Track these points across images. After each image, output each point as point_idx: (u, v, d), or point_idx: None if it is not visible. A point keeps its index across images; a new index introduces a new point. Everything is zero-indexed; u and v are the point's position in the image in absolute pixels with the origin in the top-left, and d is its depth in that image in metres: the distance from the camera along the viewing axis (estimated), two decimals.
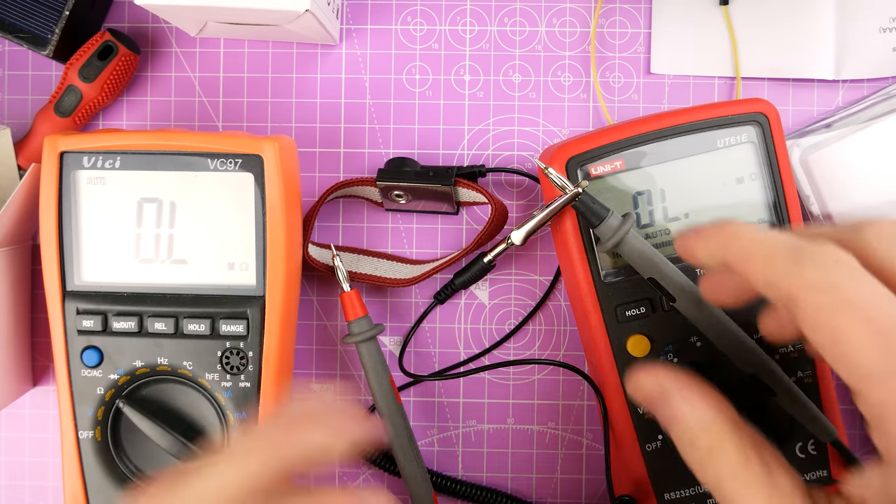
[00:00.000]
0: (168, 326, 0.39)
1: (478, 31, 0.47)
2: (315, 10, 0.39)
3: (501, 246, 0.41)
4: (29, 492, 0.47)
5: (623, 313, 0.38)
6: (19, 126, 0.47)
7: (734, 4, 0.46)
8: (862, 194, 0.42)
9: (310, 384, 0.47)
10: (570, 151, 0.38)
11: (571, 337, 0.47)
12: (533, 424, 0.47)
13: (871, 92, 0.46)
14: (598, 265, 0.38)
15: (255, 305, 0.40)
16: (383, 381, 0.43)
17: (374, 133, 0.47)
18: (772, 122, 0.38)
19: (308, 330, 0.47)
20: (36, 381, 0.48)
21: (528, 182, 0.47)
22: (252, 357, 0.40)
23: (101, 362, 0.40)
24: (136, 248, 0.40)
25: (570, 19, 0.47)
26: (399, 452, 0.43)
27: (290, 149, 0.41)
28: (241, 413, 0.40)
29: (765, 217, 0.38)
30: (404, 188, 0.44)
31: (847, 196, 0.42)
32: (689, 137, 0.38)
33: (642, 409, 0.39)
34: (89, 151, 0.40)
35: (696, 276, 0.37)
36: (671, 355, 0.38)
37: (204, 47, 0.47)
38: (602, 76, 0.47)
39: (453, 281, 0.45)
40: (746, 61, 0.46)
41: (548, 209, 0.38)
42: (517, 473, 0.47)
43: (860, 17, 0.45)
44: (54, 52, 0.44)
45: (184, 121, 0.47)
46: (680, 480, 0.39)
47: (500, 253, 0.42)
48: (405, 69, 0.47)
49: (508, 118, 0.47)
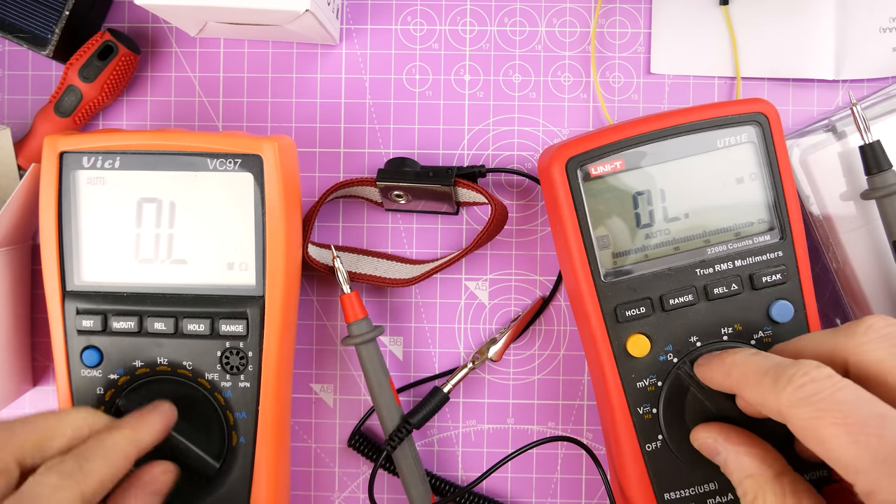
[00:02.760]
0: (168, 326, 0.39)
1: (478, 31, 0.47)
2: (315, 10, 0.39)
3: (462, 372, 0.45)
4: None
5: (623, 313, 0.38)
6: (19, 126, 0.47)
7: (734, 4, 0.46)
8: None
9: (310, 384, 0.47)
10: (570, 151, 0.38)
11: (571, 337, 0.47)
12: (533, 424, 0.47)
13: (871, 92, 0.46)
14: (598, 265, 0.38)
15: (255, 305, 0.40)
16: (383, 382, 0.43)
17: (374, 133, 0.47)
18: (772, 122, 0.38)
19: (308, 330, 0.47)
20: (36, 381, 0.48)
21: (528, 182, 0.47)
22: (252, 357, 0.40)
23: (101, 362, 0.40)
24: (136, 248, 0.40)
25: (570, 19, 0.47)
26: (398, 454, 0.43)
27: (290, 149, 0.41)
28: (241, 413, 0.40)
29: (765, 217, 0.38)
30: (404, 188, 0.44)
31: (847, 196, 0.42)
32: (689, 137, 0.38)
33: (642, 409, 0.39)
34: (89, 151, 0.40)
35: None
36: (671, 355, 0.38)
37: (204, 47, 0.47)
38: (602, 76, 0.47)
39: (407, 421, 0.44)
40: (746, 61, 0.46)
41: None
42: (517, 473, 0.47)
43: (860, 17, 0.45)
44: (54, 52, 0.44)
45: (184, 121, 0.47)
46: (680, 480, 0.39)
47: (459, 380, 0.45)
48: (405, 69, 0.47)
49: (508, 118, 0.47)
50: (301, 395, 0.47)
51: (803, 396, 0.28)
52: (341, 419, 0.47)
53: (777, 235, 0.38)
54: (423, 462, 0.47)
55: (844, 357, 0.30)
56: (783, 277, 0.38)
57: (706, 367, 0.35)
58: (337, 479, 0.47)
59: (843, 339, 0.31)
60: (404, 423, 0.43)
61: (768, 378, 0.30)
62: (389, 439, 0.43)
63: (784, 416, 0.29)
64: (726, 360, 0.33)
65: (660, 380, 0.38)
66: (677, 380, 0.38)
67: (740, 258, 0.38)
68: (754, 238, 0.38)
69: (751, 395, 0.31)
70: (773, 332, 0.38)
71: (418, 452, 0.45)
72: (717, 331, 0.38)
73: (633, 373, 0.38)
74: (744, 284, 0.38)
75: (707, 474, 0.39)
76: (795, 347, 0.33)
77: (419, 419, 0.44)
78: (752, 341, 0.38)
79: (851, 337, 0.30)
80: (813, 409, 0.28)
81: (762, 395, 0.30)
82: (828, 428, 0.27)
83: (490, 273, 0.47)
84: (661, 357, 0.38)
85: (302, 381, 0.47)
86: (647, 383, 0.38)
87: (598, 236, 0.38)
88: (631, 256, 0.39)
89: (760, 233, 0.39)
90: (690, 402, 0.38)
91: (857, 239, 0.42)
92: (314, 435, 0.47)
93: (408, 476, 0.43)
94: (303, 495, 0.47)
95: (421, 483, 0.44)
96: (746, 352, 0.33)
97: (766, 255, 0.38)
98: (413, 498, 0.43)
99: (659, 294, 0.38)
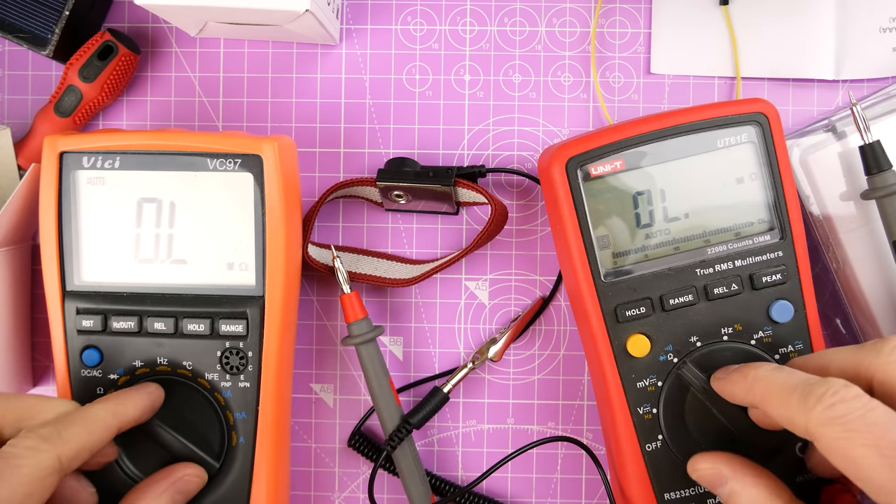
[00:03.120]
0: (168, 326, 0.39)
1: (478, 31, 0.47)
2: (315, 10, 0.39)
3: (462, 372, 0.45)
4: None
5: (623, 313, 0.38)
6: (19, 126, 0.47)
7: (734, 4, 0.46)
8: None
9: (310, 384, 0.47)
10: (570, 151, 0.38)
11: (571, 337, 0.47)
12: (533, 424, 0.47)
13: (871, 92, 0.46)
14: (598, 265, 0.38)
15: (255, 305, 0.40)
16: (383, 382, 0.43)
17: (374, 133, 0.47)
18: (772, 122, 0.38)
19: (308, 330, 0.47)
20: (36, 381, 0.48)
21: (528, 182, 0.47)
22: (252, 357, 0.40)
23: (101, 362, 0.40)
24: (136, 248, 0.40)
25: (570, 19, 0.47)
26: (398, 454, 0.43)
27: (290, 149, 0.41)
28: (241, 413, 0.40)
29: (765, 217, 0.38)
30: (404, 188, 0.44)
31: (847, 196, 0.42)
32: (689, 137, 0.38)
33: (642, 409, 0.39)
34: (89, 151, 0.40)
35: None
36: (671, 355, 0.38)
37: (204, 47, 0.47)
38: (602, 76, 0.47)
39: (407, 421, 0.44)
40: (746, 61, 0.46)
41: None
42: (517, 473, 0.47)
43: (860, 17, 0.45)
44: (54, 52, 0.44)
45: (184, 121, 0.47)
46: (680, 480, 0.39)
47: (459, 380, 0.45)
48: (405, 69, 0.47)
49: (508, 118, 0.47)
50: (301, 395, 0.47)
51: (833, 416, 0.28)
52: (341, 419, 0.47)
53: (777, 235, 0.38)
54: (423, 462, 0.47)
55: (870, 374, 0.30)
56: (783, 277, 0.38)
57: (726, 382, 0.35)
58: (337, 479, 0.47)
59: (868, 357, 0.30)
60: (404, 424, 0.43)
61: (796, 396, 0.29)
62: (389, 439, 0.43)
63: (812, 435, 0.29)
64: (748, 375, 0.33)
65: (660, 380, 0.38)
66: (677, 380, 0.38)
67: (740, 258, 0.38)
68: (754, 238, 0.38)
69: (776, 411, 0.31)
70: (773, 332, 0.38)
71: (418, 452, 0.45)
72: (717, 331, 0.38)
73: (633, 373, 0.38)
74: (744, 284, 0.38)
75: None
76: (819, 363, 0.33)
77: (419, 419, 0.44)
78: (752, 341, 0.38)
79: (878, 355, 0.30)
80: (843, 430, 0.27)
81: (789, 413, 0.30)
82: (859, 449, 0.27)
83: (490, 273, 0.47)
84: (662, 357, 0.38)
85: (302, 381, 0.47)
86: (647, 383, 0.38)
87: (598, 236, 0.38)
88: (631, 256, 0.39)
89: (760, 233, 0.39)
90: (690, 403, 0.38)
91: (857, 239, 0.42)
92: (314, 435, 0.47)
93: (408, 476, 0.43)
94: (303, 495, 0.47)
95: (421, 483, 0.44)
96: (769, 367, 0.33)
97: (766, 255, 0.38)
98: (413, 498, 0.43)
99: (659, 294, 0.38)
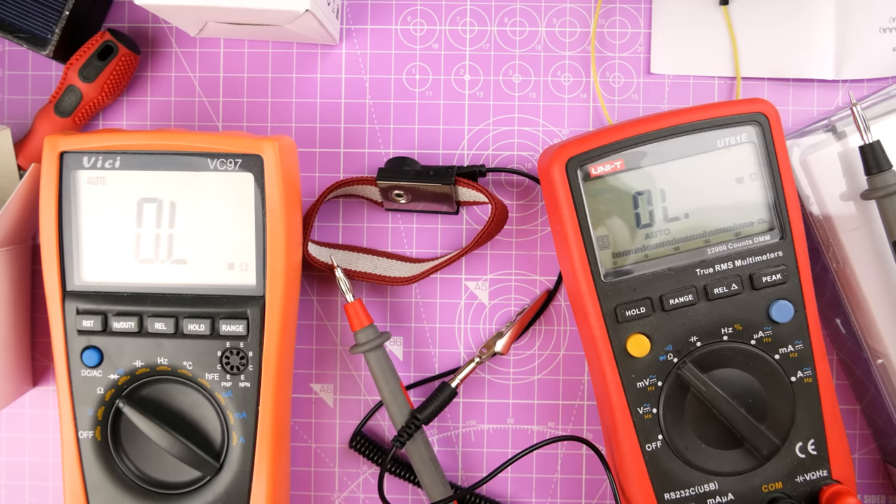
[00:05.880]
0: (168, 326, 0.39)
1: (478, 31, 0.47)
2: (315, 10, 0.39)
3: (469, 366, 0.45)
4: (29, 492, 0.47)
5: (623, 313, 0.38)
6: (19, 126, 0.47)
7: (734, 4, 0.46)
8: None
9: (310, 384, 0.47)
10: (570, 151, 0.38)
11: (571, 337, 0.47)
12: (533, 424, 0.47)
13: (871, 92, 0.46)
14: (598, 265, 0.38)
15: (255, 305, 0.40)
16: (394, 387, 0.43)
17: (374, 133, 0.47)
18: (772, 122, 0.38)
19: (308, 330, 0.47)
20: (36, 381, 0.48)
21: (528, 182, 0.47)
22: (252, 357, 0.40)
23: (101, 362, 0.40)
24: (136, 248, 0.40)
25: (570, 19, 0.47)
26: (410, 448, 0.43)
27: (290, 149, 0.41)
28: (242, 413, 0.40)
29: (765, 217, 0.38)
30: (404, 188, 0.44)
31: (847, 196, 0.42)
32: (689, 137, 0.38)
33: (642, 409, 0.39)
34: (89, 151, 0.40)
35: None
36: (671, 355, 0.38)
37: (204, 47, 0.47)
38: (602, 76, 0.47)
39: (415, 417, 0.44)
40: (746, 61, 0.46)
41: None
42: (517, 473, 0.47)
43: (860, 17, 0.45)
44: (54, 52, 0.44)
45: (184, 121, 0.47)
46: (680, 480, 0.39)
47: (467, 374, 0.45)
48: (405, 69, 0.47)
49: (508, 118, 0.47)
50: (301, 395, 0.47)
51: None
52: (341, 419, 0.47)
53: (777, 235, 0.38)
54: (441, 467, 0.47)
55: None
56: (783, 277, 0.38)
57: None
58: (337, 479, 0.47)
59: None
60: (413, 419, 0.43)
61: None
62: (398, 436, 0.43)
63: None
64: None
65: (660, 380, 0.38)
66: (677, 380, 0.38)
67: (740, 258, 0.38)
68: (754, 238, 0.38)
69: None
70: (773, 332, 0.38)
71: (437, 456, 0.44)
72: (717, 331, 0.38)
73: (633, 373, 0.38)
74: (744, 284, 0.38)
75: (707, 474, 0.39)
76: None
77: (427, 414, 0.44)
78: (752, 341, 0.38)
79: None
80: None
81: None
82: None
83: (490, 273, 0.47)
84: (661, 357, 0.38)
85: (302, 381, 0.47)
86: (647, 383, 0.38)
87: (598, 236, 0.38)
88: (631, 256, 0.39)
89: (760, 233, 0.39)
90: (690, 403, 0.38)
91: (857, 239, 0.42)
92: (314, 435, 0.47)
93: (421, 466, 0.43)
94: (303, 495, 0.47)
95: (436, 472, 0.43)
96: None
97: (766, 255, 0.38)
98: (427, 485, 0.43)
99: (659, 294, 0.38)
